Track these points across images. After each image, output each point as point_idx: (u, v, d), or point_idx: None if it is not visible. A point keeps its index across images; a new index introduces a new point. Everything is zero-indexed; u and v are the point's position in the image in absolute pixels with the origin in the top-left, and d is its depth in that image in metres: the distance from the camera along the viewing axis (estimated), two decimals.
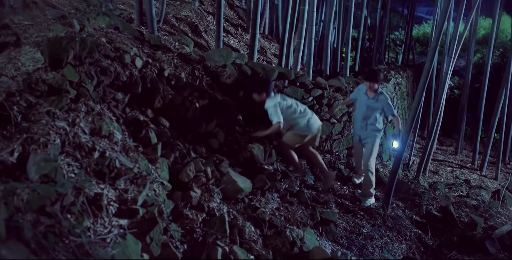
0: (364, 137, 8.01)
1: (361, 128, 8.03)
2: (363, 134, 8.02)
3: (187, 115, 6.66)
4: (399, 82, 12.60)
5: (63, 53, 5.22)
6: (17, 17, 6.45)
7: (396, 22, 20.11)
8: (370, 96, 7.85)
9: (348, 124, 9.37)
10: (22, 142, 4.09)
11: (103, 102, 5.56)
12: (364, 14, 13.58)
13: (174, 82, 6.64)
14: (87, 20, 6.41)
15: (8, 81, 4.93)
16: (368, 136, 7.93)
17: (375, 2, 15.20)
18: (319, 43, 12.70)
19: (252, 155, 7.02)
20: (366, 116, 7.90)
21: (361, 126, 8.02)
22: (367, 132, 7.94)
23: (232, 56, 7.79)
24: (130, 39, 6.80)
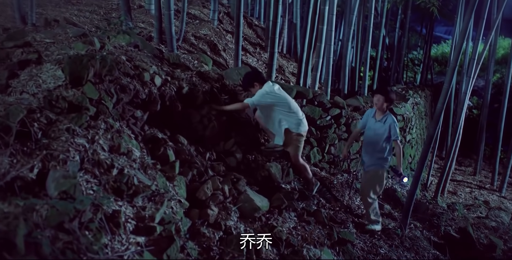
0: (368, 164, 7.49)
1: (366, 154, 7.54)
2: (367, 161, 7.50)
3: (205, 133, 6.68)
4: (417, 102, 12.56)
5: (84, 71, 5.27)
6: (39, 35, 6.55)
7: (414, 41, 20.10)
8: (378, 118, 7.33)
9: None
10: (42, 158, 4.11)
11: (122, 120, 5.59)
12: (382, 34, 13.61)
13: (192, 100, 6.67)
14: (107, 38, 6.48)
15: (29, 98, 4.98)
16: (373, 163, 7.42)
17: (393, 22, 15.23)
18: (337, 62, 12.74)
19: (269, 174, 7.01)
20: (373, 142, 7.37)
21: (366, 151, 7.53)
22: (372, 160, 7.43)
23: None
24: (150, 57, 6.85)
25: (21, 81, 5.28)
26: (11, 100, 4.92)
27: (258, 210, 6.02)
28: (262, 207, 6.10)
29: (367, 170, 7.46)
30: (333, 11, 9.41)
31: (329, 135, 8.79)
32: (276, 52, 9.21)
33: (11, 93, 5.09)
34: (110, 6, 9.73)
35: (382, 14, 13.20)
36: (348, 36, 11.14)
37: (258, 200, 6.15)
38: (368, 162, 7.46)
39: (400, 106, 10.58)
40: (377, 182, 7.38)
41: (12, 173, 3.80)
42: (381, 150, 7.29)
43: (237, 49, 8.75)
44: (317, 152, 8.62)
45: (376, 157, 7.34)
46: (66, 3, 9.53)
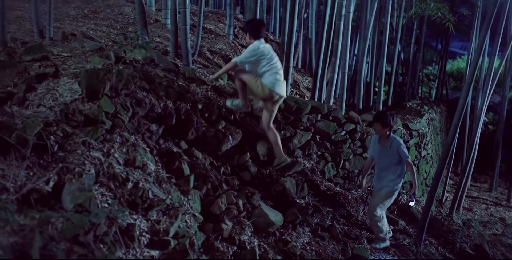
0: (378, 187, 7.42)
1: (377, 179, 7.45)
2: (378, 185, 7.42)
3: (220, 147, 6.69)
4: (432, 118, 12.52)
5: (100, 85, 5.31)
6: (57, 48, 6.61)
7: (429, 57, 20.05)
8: (383, 144, 7.25)
9: None
10: (58, 171, 4.14)
11: (137, 133, 5.62)
12: (397, 49, 13.60)
13: (207, 115, 6.69)
14: (124, 52, 6.53)
15: (46, 111, 5.03)
16: (384, 186, 7.31)
17: (408, 37, 15.23)
18: (352, 77, 12.73)
19: (284, 188, 7.00)
20: (383, 167, 7.32)
21: (379, 178, 7.42)
22: (383, 183, 7.32)
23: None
24: (166, 71, 6.89)
25: (38, 95, 5.32)
26: (28, 113, 4.97)
27: (272, 225, 6.01)
28: (276, 221, 6.09)
29: (379, 191, 7.37)
30: (348, 27, 9.43)
31: (344, 150, 8.77)
32: (291, 67, 9.23)
33: (29, 106, 5.14)
34: (127, 20, 9.81)
35: (398, 29, 13.20)
36: (363, 51, 11.15)
37: (272, 215, 6.14)
38: (378, 186, 7.39)
39: (415, 122, 10.54)
40: (385, 200, 7.30)
41: (29, 185, 3.83)
42: (393, 173, 7.25)
43: None
44: (332, 167, 8.59)
45: (388, 179, 7.28)
46: (83, 17, 9.62)
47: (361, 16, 12.09)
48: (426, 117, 11.88)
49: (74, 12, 9.95)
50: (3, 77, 5.64)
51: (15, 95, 5.28)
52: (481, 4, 11.22)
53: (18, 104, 5.19)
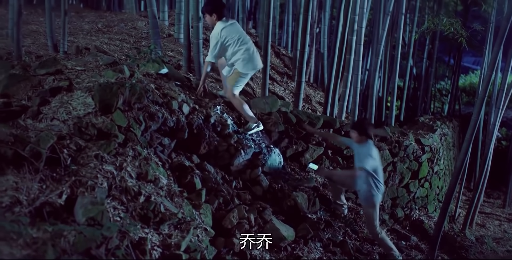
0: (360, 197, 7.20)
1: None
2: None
3: (232, 161, 6.69)
4: (445, 133, 12.45)
5: (113, 99, 5.35)
6: (70, 62, 6.66)
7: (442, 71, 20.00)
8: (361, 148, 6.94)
9: (393, 175, 9.26)
10: (71, 184, 4.16)
11: (150, 147, 5.64)
12: (410, 64, 13.59)
13: (220, 129, 6.71)
14: (137, 66, 6.56)
15: (60, 124, 5.06)
16: (362, 198, 7.10)
17: (421, 52, 15.22)
18: (364, 92, 12.72)
19: (295, 203, 6.98)
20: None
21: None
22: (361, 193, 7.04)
23: (277, 104, 7.85)
24: (178, 86, 6.92)
25: (52, 108, 5.36)
26: (42, 126, 5.00)
27: (284, 240, 5.99)
28: (287, 236, 6.07)
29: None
30: (360, 41, 9.43)
31: None
32: (303, 82, 9.24)
33: (42, 120, 5.18)
34: (140, 34, 9.88)
35: (410, 44, 13.20)
36: (376, 66, 11.14)
37: (284, 230, 6.12)
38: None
39: (427, 137, 10.49)
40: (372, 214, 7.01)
41: (41, 198, 3.85)
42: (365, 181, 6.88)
43: (264, 78, 8.80)
44: None
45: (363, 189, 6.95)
46: (97, 32, 9.70)
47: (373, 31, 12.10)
48: (438, 133, 11.82)
49: (88, 26, 10.03)
50: (18, 91, 5.69)
51: (29, 109, 5.32)
52: (494, 20, 11.21)
53: (32, 117, 5.22)
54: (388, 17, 10.67)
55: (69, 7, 8.30)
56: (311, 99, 11.20)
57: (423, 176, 9.97)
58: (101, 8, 14.07)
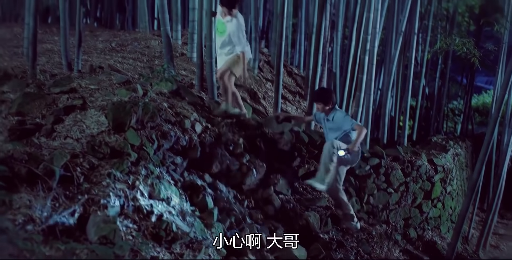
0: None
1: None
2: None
3: (244, 181, 6.69)
4: (458, 153, 12.39)
5: (126, 117, 5.38)
6: (84, 81, 6.71)
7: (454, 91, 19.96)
8: (327, 117, 7.34)
9: (405, 195, 9.20)
10: (84, 202, 4.18)
11: (162, 166, 5.64)
12: (422, 83, 13.58)
13: (232, 148, 6.71)
14: (150, 85, 6.60)
15: (73, 143, 5.10)
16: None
17: (433, 71, 15.20)
18: (376, 111, 12.70)
19: (307, 223, 6.95)
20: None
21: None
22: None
23: (290, 123, 7.85)
24: (191, 105, 6.94)
25: (65, 126, 5.40)
26: (55, 144, 5.04)
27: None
28: (299, 256, 6.03)
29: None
30: (373, 61, 9.45)
31: (368, 184, 8.70)
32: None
33: (56, 138, 5.21)
34: (153, 53, 9.93)
35: (422, 63, 13.21)
36: (388, 85, 11.15)
37: (296, 250, 6.08)
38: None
39: (440, 157, 10.44)
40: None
41: (54, 216, 3.86)
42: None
43: (276, 98, 8.82)
44: (356, 202, 8.52)
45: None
46: (110, 50, 9.77)
47: (385, 50, 12.13)
48: (451, 153, 11.77)
49: (102, 45, 10.11)
50: (32, 109, 5.74)
51: (43, 127, 5.36)
52: (507, 40, 11.21)
53: (46, 135, 5.26)
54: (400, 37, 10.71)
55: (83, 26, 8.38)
56: None
57: (436, 196, 9.91)
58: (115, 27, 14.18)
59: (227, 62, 7.37)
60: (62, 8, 7.63)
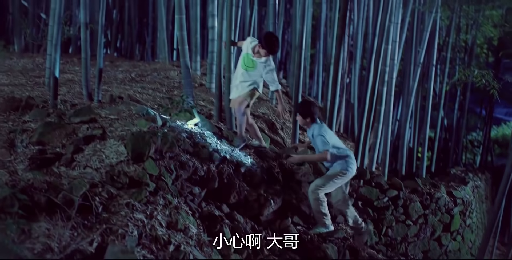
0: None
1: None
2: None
3: (262, 211, 6.66)
4: (477, 185, 12.28)
5: (145, 147, 5.42)
6: (104, 111, 6.79)
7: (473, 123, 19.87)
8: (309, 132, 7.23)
9: (424, 227, 9.11)
10: (102, 232, 4.18)
11: (180, 196, 5.65)
12: (440, 115, 13.54)
13: (250, 179, 6.71)
14: (169, 115, 6.66)
15: (92, 172, 5.13)
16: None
17: (452, 103, 15.17)
18: (395, 142, 12.66)
19: (325, 255, 6.87)
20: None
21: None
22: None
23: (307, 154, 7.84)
24: (209, 135, 6.98)
25: (85, 156, 5.44)
26: (75, 174, 5.07)
27: None
28: None
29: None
30: (391, 92, 9.47)
31: (387, 216, 8.64)
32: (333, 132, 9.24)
33: (76, 167, 5.25)
34: (172, 84, 10.03)
35: (441, 95, 13.20)
36: (406, 116, 11.14)
37: None
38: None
39: (459, 189, 10.36)
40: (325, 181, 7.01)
41: (73, 246, 3.87)
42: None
43: (294, 128, 8.84)
44: (374, 234, 8.45)
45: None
46: (130, 81, 9.89)
47: (403, 81, 12.15)
48: (471, 185, 11.67)
49: (122, 76, 10.24)
50: (53, 139, 5.80)
51: (63, 156, 5.40)
52: None
53: (66, 165, 5.30)
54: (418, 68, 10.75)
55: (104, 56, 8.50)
56: None
57: (455, 229, 9.80)
58: (135, 57, 14.39)
59: (244, 94, 7.38)
60: (83, 39, 7.77)
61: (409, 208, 8.84)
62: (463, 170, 13.49)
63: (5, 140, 5.74)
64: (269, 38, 7.27)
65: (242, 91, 7.38)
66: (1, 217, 3.95)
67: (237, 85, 7.44)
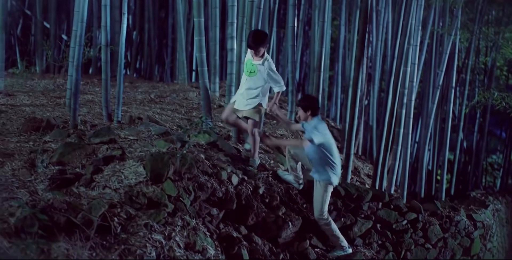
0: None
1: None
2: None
3: (280, 233, 6.64)
4: (498, 209, 12.15)
5: (164, 168, 5.45)
6: (124, 132, 6.84)
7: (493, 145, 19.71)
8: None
9: (443, 251, 9.00)
10: (120, 252, 4.20)
11: (198, 217, 5.66)
12: (460, 137, 13.46)
13: (268, 200, 6.70)
14: (187, 136, 6.69)
15: (111, 193, 5.16)
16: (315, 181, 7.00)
17: (471, 125, 15.08)
18: (413, 164, 12.58)
19: None
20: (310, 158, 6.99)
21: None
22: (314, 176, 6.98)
23: None
24: (228, 156, 6.99)
25: (104, 176, 5.48)
26: (94, 194, 5.10)
27: None
28: None
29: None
30: (410, 114, 9.44)
31: (405, 239, 8.55)
32: (352, 154, 9.21)
33: (95, 188, 5.28)
34: (191, 105, 10.08)
35: (460, 117, 13.13)
36: (425, 139, 11.09)
37: None
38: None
39: (479, 213, 10.25)
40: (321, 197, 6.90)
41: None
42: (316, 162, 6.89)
43: None
44: (393, 257, 8.36)
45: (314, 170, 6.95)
46: (149, 102, 9.95)
47: (422, 103, 12.12)
48: (491, 208, 11.54)
49: (141, 97, 10.30)
50: (73, 159, 5.85)
51: (83, 177, 5.45)
52: None
53: (85, 185, 5.34)
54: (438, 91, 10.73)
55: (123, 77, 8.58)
56: (360, 171, 11.12)
57: (475, 252, 9.67)
58: (154, 78, 14.49)
59: (251, 114, 7.20)
60: (104, 60, 7.86)
61: (428, 231, 8.75)
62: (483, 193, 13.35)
63: (26, 159, 5.80)
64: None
65: (243, 102, 7.18)
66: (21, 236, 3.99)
67: (243, 93, 7.20)
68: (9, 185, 5.12)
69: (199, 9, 8.03)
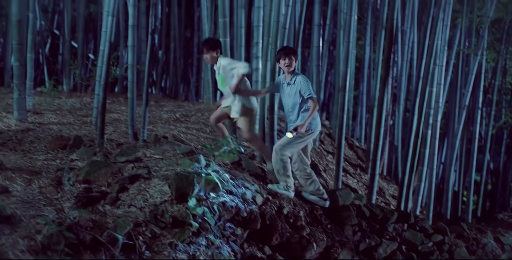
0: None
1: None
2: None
3: (304, 254, 6.60)
4: None
5: (189, 187, 5.46)
6: (149, 151, 6.88)
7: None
8: (288, 80, 6.86)
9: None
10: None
11: (222, 237, 5.64)
12: (486, 158, 13.32)
13: (292, 220, 6.67)
14: (212, 156, 6.71)
15: (136, 211, 5.18)
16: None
17: (498, 146, 14.93)
18: (439, 186, 12.46)
19: None
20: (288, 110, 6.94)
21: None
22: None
23: (351, 197, 7.76)
24: (252, 176, 6.99)
25: (130, 195, 5.50)
26: (119, 212, 5.13)
27: None
28: None
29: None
30: (436, 135, 9.39)
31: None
32: (377, 174, 9.17)
33: (120, 206, 5.30)
34: None
35: (487, 138, 13.02)
36: (451, 159, 11.00)
37: None
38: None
39: (507, 236, 10.09)
40: (293, 141, 6.74)
41: None
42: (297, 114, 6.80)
43: (337, 170, 8.79)
44: None
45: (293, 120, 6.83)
46: (175, 121, 10.01)
47: (448, 124, 12.05)
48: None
49: (167, 116, 10.38)
50: (99, 177, 5.88)
51: (108, 195, 5.47)
52: None
53: (111, 203, 5.36)
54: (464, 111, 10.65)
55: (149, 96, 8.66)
56: (385, 192, 11.05)
57: None
58: (179, 97, 14.61)
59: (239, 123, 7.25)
60: (130, 79, 7.94)
61: (454, 254, 8.63)
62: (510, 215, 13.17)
63: (53, 177, 5.85)
64: None
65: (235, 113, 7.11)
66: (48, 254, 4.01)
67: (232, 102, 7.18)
68: (36, 202, 5.17)
69: (224, 29, 8.10)
